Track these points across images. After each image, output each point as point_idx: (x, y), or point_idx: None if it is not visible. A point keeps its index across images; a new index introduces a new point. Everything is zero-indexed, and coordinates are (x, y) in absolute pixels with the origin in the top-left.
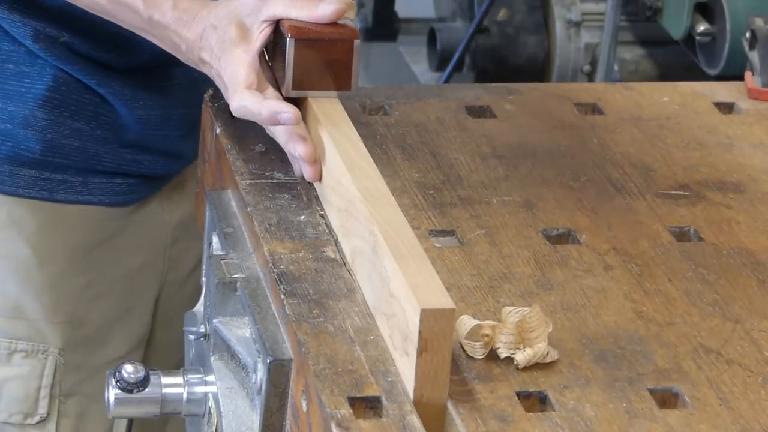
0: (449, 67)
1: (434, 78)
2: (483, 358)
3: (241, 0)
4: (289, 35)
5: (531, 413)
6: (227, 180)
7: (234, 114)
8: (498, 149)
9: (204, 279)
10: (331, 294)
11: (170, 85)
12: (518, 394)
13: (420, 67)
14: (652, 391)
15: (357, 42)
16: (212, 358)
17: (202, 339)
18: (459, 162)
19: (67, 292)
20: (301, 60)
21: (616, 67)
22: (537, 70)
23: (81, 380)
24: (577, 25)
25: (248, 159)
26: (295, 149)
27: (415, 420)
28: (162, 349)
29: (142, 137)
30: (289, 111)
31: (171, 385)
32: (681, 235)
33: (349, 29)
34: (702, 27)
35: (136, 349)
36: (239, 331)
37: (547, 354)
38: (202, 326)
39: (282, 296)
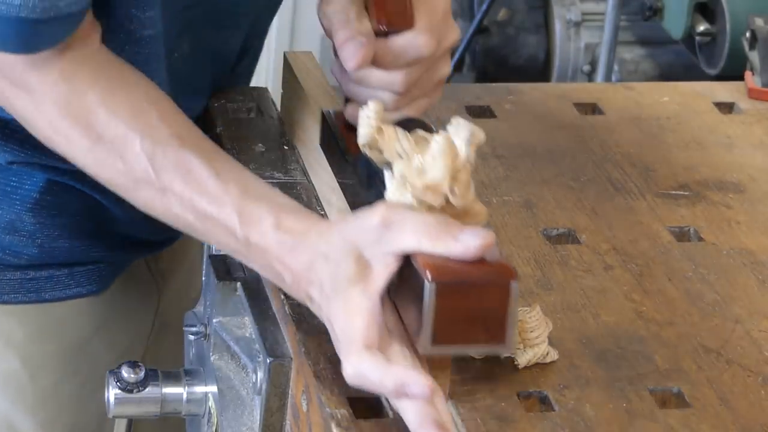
0: None
1: None
2: (483, 358)
3: (360, 224)
4: (429, 278)
5: (531, 413)
6: None
7: (347, 380)
8: (498, 149)
9: (204, 279)
10: None
11: None
12: (518, 394)
13: None
14: (652, 391)
15: (515, 287)
16: (212, 358)
17: (202, 339)
18: None
19: (64, 401)
20: (444, 309)
21: (616, 67)
22: (537, 70)
23: None
24: (577, 25)
25: (248, 159)
26: None
27: None
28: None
29: (129, 231)
30: (422, 384)
31: (171, 384)
32: (681, 235)
33: (503, 267)
34: (702, 27)
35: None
36: (239, 331)
37: (547, 354)
38: (202, 326)
39: (282, 296)
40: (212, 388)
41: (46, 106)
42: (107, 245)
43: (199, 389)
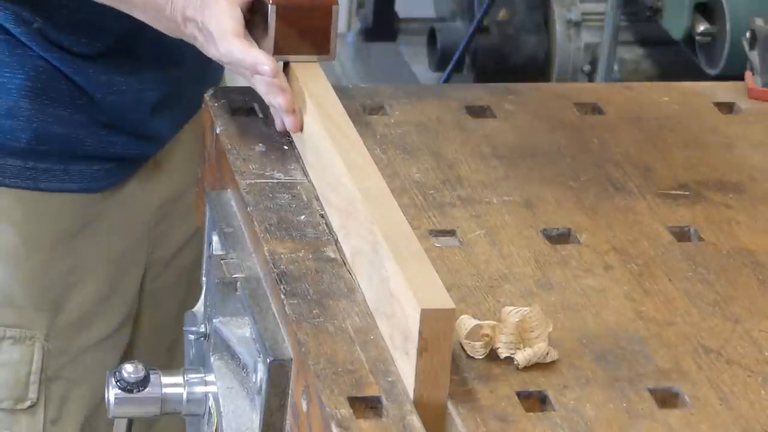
0: (449, 67)
1: (434, 78)
2: (483, 358)
3: None
4: (270, 1)
5: (531, 413)
6: (227, 180)
7: (218, 60)
8: (498, 149)
9: (204, 279)
10: (331, 294)
11: (140, 68)
12: (518, 394)
13: (420, 67)
14: (652, 391)
15: (335, 8)
16: (212, 358)
17: (202, 339)
18: (459, 162)
19: (52, 279)
20: (282, 26)
21: (616, 67)
22: (537, 70)
23: (63, 365)
24: (577, 25)
25: (248, 159)
26: (275, 99)
27: (415, 420)
28: (149, 329)
29: (116, 119)
30: (268, 64)
31: (171, 384)
32: (681, 235)
33: None
34: (702, 27)
35: (121, 330)
36: (239, 331)
37: (547, 354)
38: (202, 326)
39: (282, 296)
40: (212, 388)
41: None
42: (96, 139)
43: (199, 389)
